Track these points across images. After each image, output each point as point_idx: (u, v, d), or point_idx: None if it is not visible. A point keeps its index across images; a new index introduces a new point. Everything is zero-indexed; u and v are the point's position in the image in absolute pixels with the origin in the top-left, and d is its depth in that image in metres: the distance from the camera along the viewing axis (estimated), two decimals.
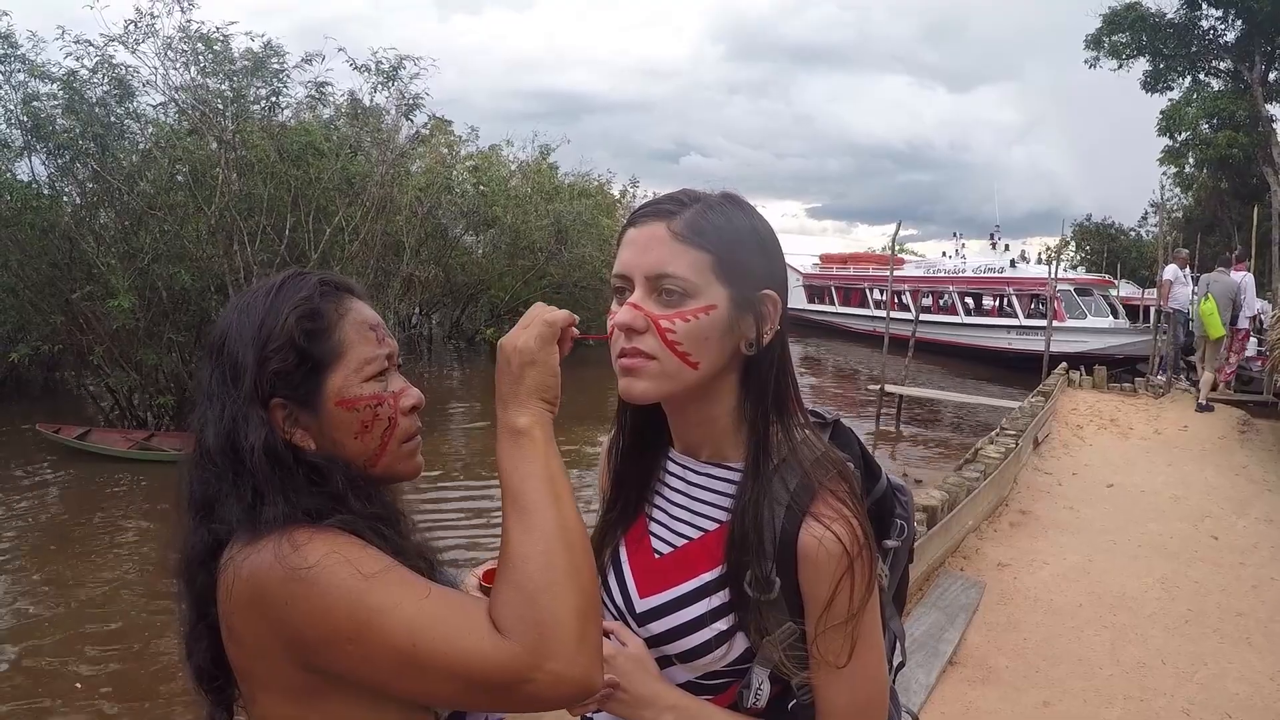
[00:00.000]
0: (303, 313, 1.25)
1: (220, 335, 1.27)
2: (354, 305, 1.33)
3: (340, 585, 1.08)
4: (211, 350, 1.27)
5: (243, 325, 1.25)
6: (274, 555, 1.11)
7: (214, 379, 1.25)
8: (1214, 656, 5.08)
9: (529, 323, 1.19)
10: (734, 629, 1.23)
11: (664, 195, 1.27)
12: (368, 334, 1.31)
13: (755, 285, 1.22)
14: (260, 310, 1.26)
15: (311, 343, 1.25)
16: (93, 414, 14.61)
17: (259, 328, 1.24)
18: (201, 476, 1.23)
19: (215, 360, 1.26)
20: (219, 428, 1.21)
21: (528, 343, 1.16)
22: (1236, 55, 28.79)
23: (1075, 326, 23.88)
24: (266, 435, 1.20)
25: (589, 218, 26.43)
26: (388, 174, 15.23)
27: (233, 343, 1.24)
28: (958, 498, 6.63)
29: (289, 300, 1.27)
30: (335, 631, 1.08)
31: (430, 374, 23.50)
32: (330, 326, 1.28)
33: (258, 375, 1.22)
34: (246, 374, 1.22)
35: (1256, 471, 9.53)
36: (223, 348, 1.25)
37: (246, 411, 1.21)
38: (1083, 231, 44.50)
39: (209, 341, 1.30)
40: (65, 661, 6.62)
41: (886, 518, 1.40)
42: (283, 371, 1.23)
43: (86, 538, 9.22)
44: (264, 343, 1.23)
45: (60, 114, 12.80)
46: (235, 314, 1.28)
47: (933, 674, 4.57)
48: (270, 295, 1.28)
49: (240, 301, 1.30)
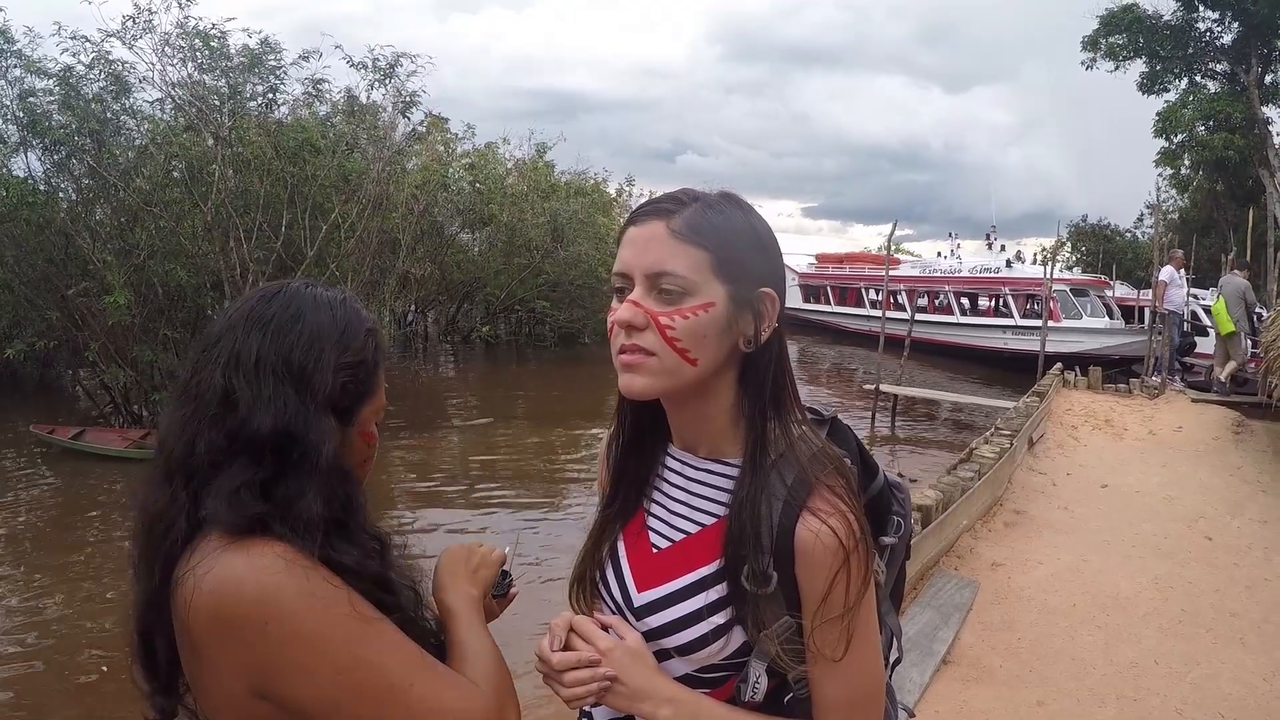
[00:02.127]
0: (371, 343, 1.30)
1: (292, 313, 1.24)
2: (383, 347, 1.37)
3: (341, 616, 1.13)
4: (282, 327, 1.23)
5: (322, 320, 1.24)
6: (259, 563, 1.10)
7: (273, 355, 1.21)
8: (1207, 657, 5.09)
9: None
10: (731, 622, 1.24)
11: (663, 194, 1.28)
12: (382, 380, 1.37)
13: (753, 283, 1.22)
14: (340, 317, 1.26)
15: (372, 372, 1.30)
16: (87, 410, 14.58)
17: (341, 333, 1.25)
18: (216, 443, 1.18)
19: (279, 338, 1.22)
20: (280, 415, 1.18)
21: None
22: (1233, 57, 28.87)
23: (1071, 327, 23.89)
24: (334, 445, 1.23)
25: (585, 216, 26.47)
26: (384, 171, 15.23)
27: (309, 331, 1.23)
28: (952, 497, 6.64)
29: (362, 320, 1.30)
30: (323, 659, 1.10)
31: (426, 371, 23.53)
32: (380, 362, 1.34)
33: (332, 380, 1.23)
34: (324, 373, 1.22)
35: (1251, 472, 9.55)
36: (297, 329, 1.23)
37: (319, 413, 1.21)
38: (1078, 232, 44.58)
39: (268, 308, 1.25)
40: (62, 660, 6.60)
41: (884, 514, 1.41)
42: (349, 386, 1.26)
43: (82, 538, 9.20)
44: (343, 350, 1.24)
45: (56, 110, 12.78)
46: (309, 305, 1.26)
47: (927, 673, 4.58)
48: (346, 307, 1.29)
49: (309, 294, 1.28)
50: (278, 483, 1.17)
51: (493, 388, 20.96)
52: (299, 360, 1.21)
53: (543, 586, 7.14)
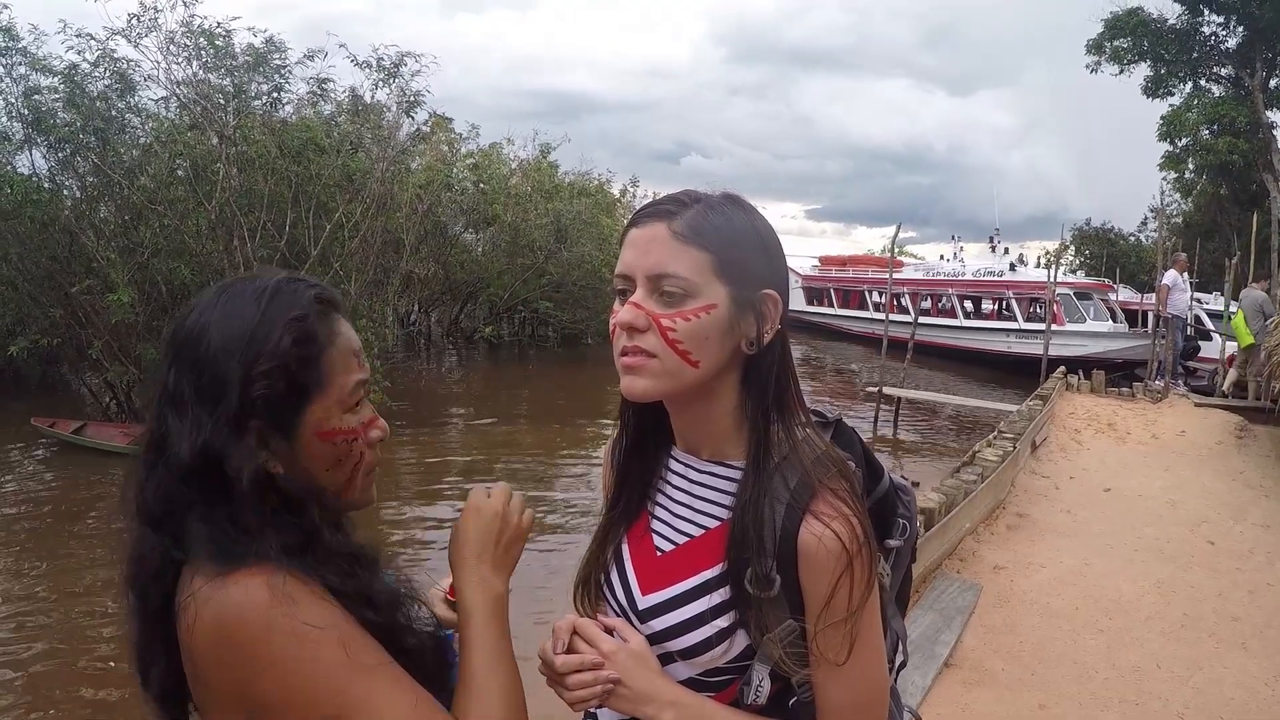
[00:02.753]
0: (298, 334, 1.17)
1: (196, 333, 1.15)
2: (341, 327, 1.25)
3: (331, 662, 1.10)
4: (183, 347, 1.16)
5: (227, 331, 1.14)
6: (251, 599, 1.07)
7: (185, 384, 1.14)
8: (1210, 661, 5.09)
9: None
10: (735, 626, 1.24)
11: (666, 196, 1.28)
12: (351, 361, 1.24)
13: (756, 285, 1.22)
14: (249, 319, 1.15)
15: (302, 368, 1.17)
16: (91, 408, 14.59)
17: (248, 340, 1.14)
18: (161, 487, 1.14)
19: (189, 363, 1.15)
20: (194, 442, 1.11)
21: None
22: (1238, 61, 28.82)
23: (1074, 330, 23.85)
24: (255, 464, 1.14)
25: (589, 217, 26.42)
26: (388, 171, 15.21)
27: (214, 348, 1.14)
28: (955, 500, 6.64)
29: (282, 314, 1.17)
30: (311, 705, 1.09)
31: (429, 371, 23.54)
32: (321, 351, 1.20)
33: (243, 395, 1.13)
34: (231, 391, 1.12)
35: (1253, 477, 9.55)
36: (201, 350, 1.14)
37: (231, 433, 1.12)
38: (1082, 236, 44.57)
39: (179, 334, 1.18)
40: (63, 653, 6.61)
41: (889, 517, 1.41)
42: (270, 395, 1.14)
43: (82, 533, 9.20)
44: (253, 360, 1.13)
45: (61, 107, 12.80)
46: (218, 314, 1.16)
47: (929, 676, 4.58)
48: (261, 303, 1.17)
49: (223, 300, 1.18)
50: (238, 512, 1.12)
51: (496, 388, 20.96)
52: (205, 382, 1.13)
53: (544, 588, 7.14)
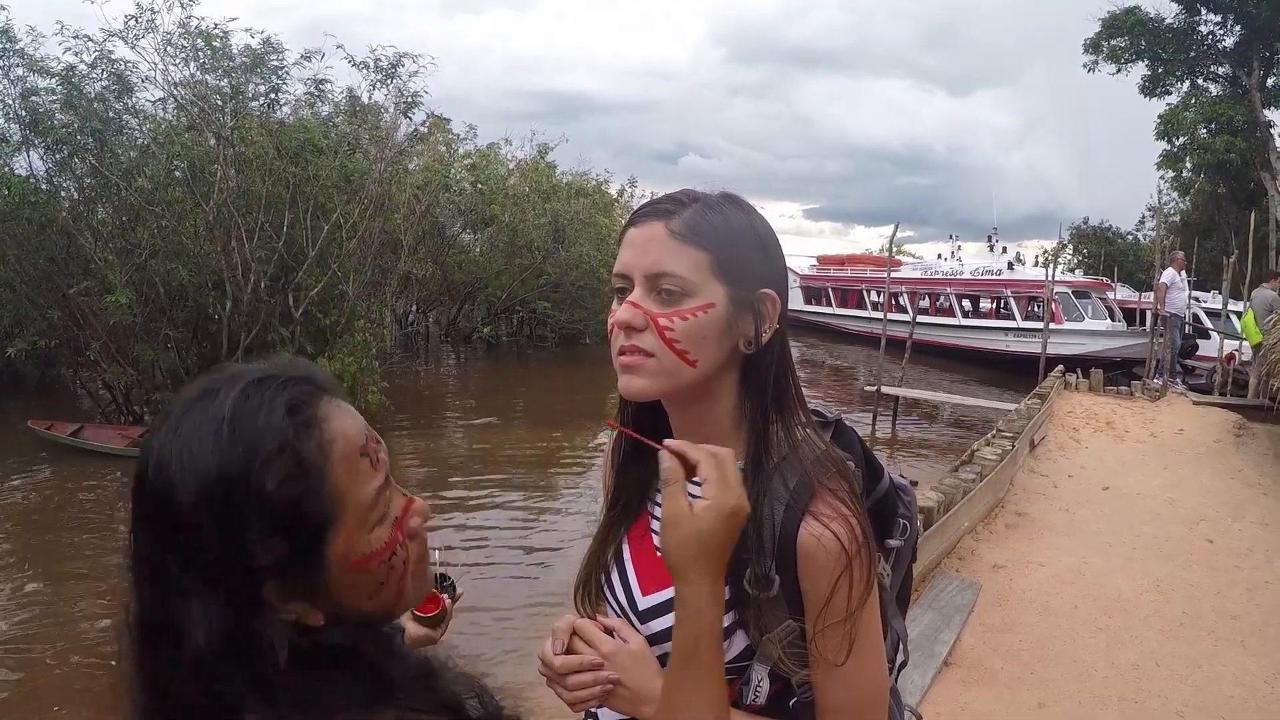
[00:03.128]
0: (283, 474, 0.91)
1: (163, 491, 0.89)
2: (335, 423, 0.98)
3: None
4: (151, 508, 0.91)
5: (198, 487, 0.88)
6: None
7: (169, 557, 0.89)
8: (1209, 659, 5.09)
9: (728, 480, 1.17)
10: (734, 626, 1.23)
11: (664, 195, 1.28)
12: (360, 465, 0.98)
13: (754, 284, 1.22)
14: (218, 466, 0.89)
15: (302, 511, 0.92)
16: (89, 410, 14.57)
17: (225, 500, 0.88)
18: (188, 690, 0.89)
19: (165, 531, 0.90)
20: (210, 634, 0.88)
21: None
22: (1235, 60, 28.85)
23: (1072, 329, 23.87)
24: (289, 633, 0.94)
25: (586, 217, 26.46)
26: (386, 171, 15.22)
27: (188, 514, 0.88)
28: (954, 499, 6.64)
29: (254, 450, 0.90)
30: None
31: (427, 372, 23.55)
32: (320, 477, 0.94)
33: (244, 567, 0.89)
34: (227, 567, 0.89)
35: (1252, 475, 9.55)
36: (174, 515, 0.89)
37: (247, 608, 0.90)
38: (1080, 235, 44.55)
39: (143, 490, 0.91)
40: (58, 662, 6.60)
41: (889, 517, 1.40)
42: (273, 565, 0.91)
43: (79, 536, 9.19)
44: (239, 525, 0.88)
45: (59, 109, 12.79)
46: (182, 462, 0.89)
47: (928, 675, 4.58)
48: (223, 442, 0.90)
49: (183, 439, 0.90)
50: (295, 687, 0.93)
51: (494, 388, 20.93)
52: (193, 555, 0.89)
53: (543, 589, 7.15)
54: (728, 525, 1.12)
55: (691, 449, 1.16)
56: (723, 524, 1.11)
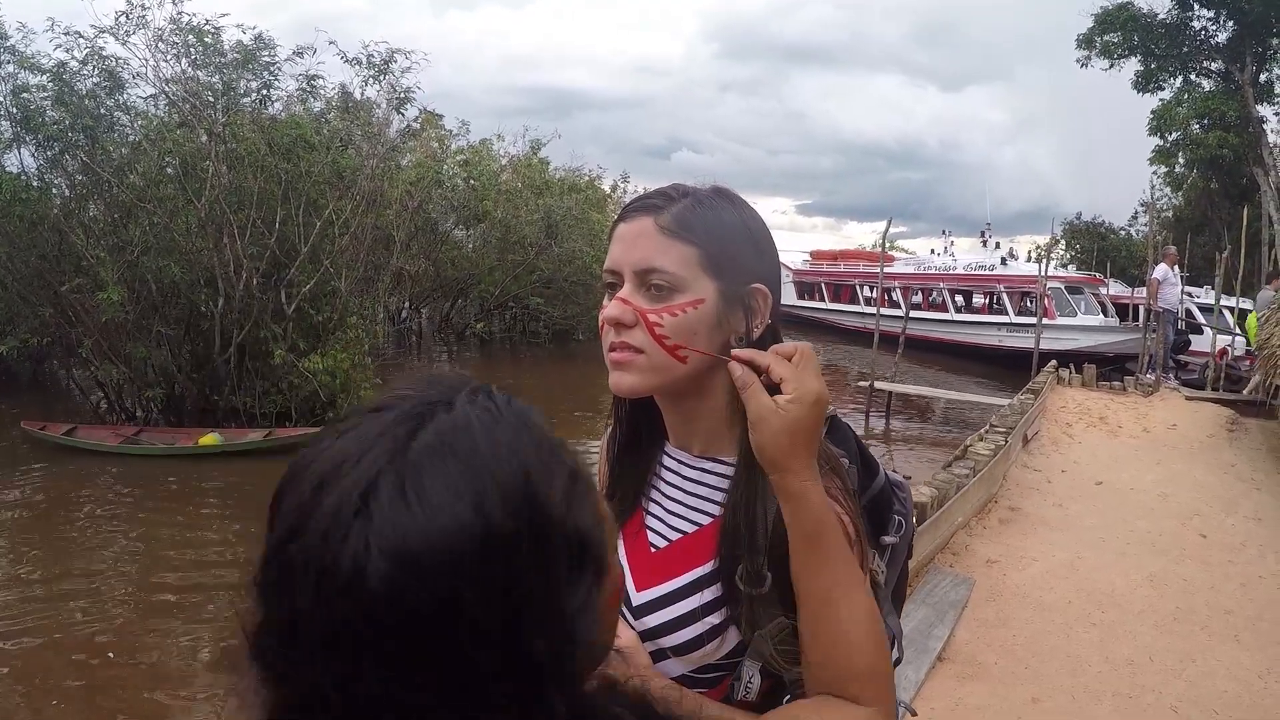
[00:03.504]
0: (582, 496, 0.80)
1: (422, 612, 0.67)
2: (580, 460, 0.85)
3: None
4: (409, 618, 0.67)
5: (497, 589, 0.69)
6: None
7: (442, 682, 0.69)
8: (1202, 654, 5.10)
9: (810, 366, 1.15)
10: (726, 623, 1.23)
11: (654, 190, 1.27)
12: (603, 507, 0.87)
13: (744, 279, 1.21)
14: (514, 477, 0.73)
15: (595, 540, 0.80)
16: (81, 407, 14.55)
17: (534, 548, 0.72)
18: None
19: (429, 658, 0.68)
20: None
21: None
22: (1228, 56, 28.94)
23: (1065, 324, 23.92)
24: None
25: (579, 212, 26.54)
26: (378, 168, 15.18)
27: (476, 623, 0.68)
28: (947, 494, 6.64)
29: (545, 471, 0.76)
30: None
31: (420, 368, 23.50)
32: (595, 492, 0.84)
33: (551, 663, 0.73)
34: (538, 670, 0.72)
35: (1245, 469, 9.58)
36: (448, 634, 0.68)
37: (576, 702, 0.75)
38: (1073, 230, 44.66)
39: (392, 604, 0.66)
40: (50, 662, 6.58)
41: (885, 513, 1.40)
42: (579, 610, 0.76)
43: (73, 535, 9.19)
44: (551, 580, 0.74)
45: (50, 106, 12.74)
46: (453, 535, 0.68)
47: (922, 670, 4.58)
48: (509, 450, 0.75)
49: (429, 511, 0.68)
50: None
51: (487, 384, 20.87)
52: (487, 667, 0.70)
53: None
54: (813, 413, 1.10)
55: (759, 355, 1.14)
56: (808, 412, 1.10)
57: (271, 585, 0.71)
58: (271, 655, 0.71)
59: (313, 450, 0.76)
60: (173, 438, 12.42)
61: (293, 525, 0.71)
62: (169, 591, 7.84)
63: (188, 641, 6.86)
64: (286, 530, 0.71)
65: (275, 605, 0.71)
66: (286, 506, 0.73)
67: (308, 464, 0.75)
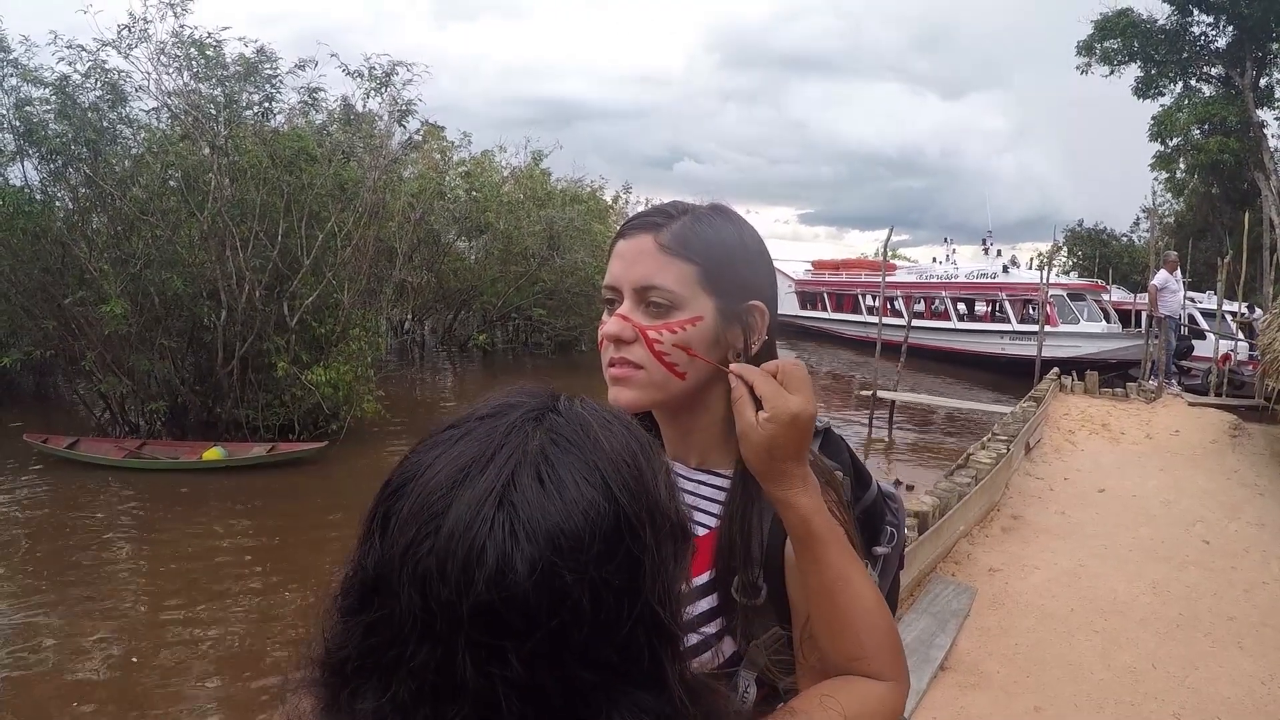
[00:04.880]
0: (671, 482, 0.87)
1: (561, 574, 0.73)
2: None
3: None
4: (541, 608, 0.72)
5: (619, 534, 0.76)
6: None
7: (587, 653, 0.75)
8: (1205, 660, 5.10)
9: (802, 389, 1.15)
10: (721, 633, 1.23)
11: (653, 207, 1.29)
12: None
13: (742, 296, 1.24)
14: (631, 465, 0.80)
15: (688, 527, 0.88)
16: (85, 420, 14.55)
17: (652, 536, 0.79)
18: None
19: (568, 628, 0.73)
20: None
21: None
22: (1228, 61, 28.93)
23: (1068, 331, 23.91)
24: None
25: (581, 223, 26.49)
26: (380, 180, 15.20)
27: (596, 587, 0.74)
28: (949, 503, 6.65)
29: (650, 462, 0.84)
30: None
31: (423, 380, 23.53)
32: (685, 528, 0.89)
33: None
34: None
35: (1248, 475, 9.56)
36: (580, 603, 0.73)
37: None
38: (1074, 237, 44.62)
39: (530, 601, 0.71)
40: (55, 676, 6.58)
41: (877, 524, 1.41)
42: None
43: (77, 548, 9.18)
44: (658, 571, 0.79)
45: (53, 119, 12.77)
46: (575, 532, 0.74)
47: (924, 679, 4.58)
48: (622, 443, 0.82)
49: (551, 507, 0.74)
50: None
51: None
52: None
53: None
54: (788, 431, 1.11)
55: (749, 371, 1.15)
56: (783, 430, 1.10)
57: (392, 590, 0.75)
58: (373, 663, 0.76)
59: (422, 458, 0.81)
60: (176, 452, 12.41)
61: (423, 526, 0.75)
62: (176, 608, 7.82)
63: (196, 659, 6.87)
64: (414, 533, 0.75)
65: (396, 609, 0.74)
66: (409, 511, 0.76)
67: (422, 470, 0.80)
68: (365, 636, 0.76)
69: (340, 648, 0.79)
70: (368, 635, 0.76)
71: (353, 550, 0.81)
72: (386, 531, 0.77)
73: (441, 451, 0.80)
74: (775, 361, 1.18)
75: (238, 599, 8.02)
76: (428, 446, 0.82)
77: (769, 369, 1.16)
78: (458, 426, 0.83)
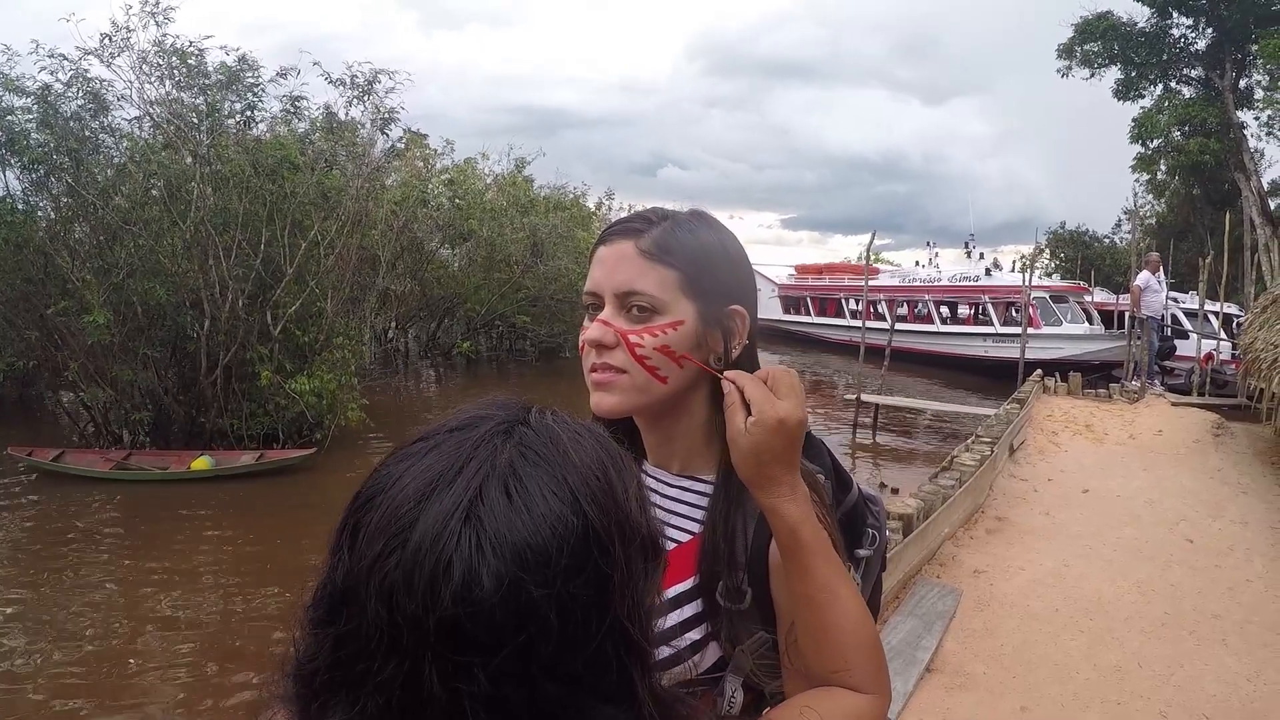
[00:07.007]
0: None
1: (532, 581, 0.72)
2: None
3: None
4: (520, 617, 0.72)
5: (605, 509, 0.79)
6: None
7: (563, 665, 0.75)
8: (1190, 659, 5.12)
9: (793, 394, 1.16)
10: (707, 639, 1.24)
11: (634, 213, 1.30)
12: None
13: (723, 301, 1.24)
14: (600, 480, 0.81)
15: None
16: (68, 430, 14.48)
17: (621, 549, 0.79)
18: None
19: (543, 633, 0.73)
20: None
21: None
22: (1207, 63, 29.11)
23: (1051, 333, 23.98)
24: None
25: (564, 230, 26.53)
26: (363, 188, 15.18)
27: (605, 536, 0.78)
28: (933, 505, 6.66)
29: (621, 476, 0.84)
30: None
31: (407, 388, 23.48)
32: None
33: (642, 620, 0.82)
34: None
35: (1231, 474, 9.62)
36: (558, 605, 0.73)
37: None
38: (1057, 239, 44.84)
39: (503, 611, 0.71)
40: (46, 682, 6.55)
41: (859, 527, 1.42)
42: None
43: (62, 561, 9.12)
44: (633, 575, 0.80)
45: (34, 128, 12.71)
46: (546, 539, 0.74)
47: (910, 681, 4.59)
48: (593, 456, 0.83)
49: (521, 518, 0.74)
50: None
51: None
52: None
53: None
54: (774, 437, 1.11)
55: (741, 376, 1.16)
56: (769, 436, 1.11)
57: (359, 603, 0.75)
58: (341, 676, 0.76)
59: (391, 470, 0.81)
60: (163, 462, 12.34)
61: (390, 540, 0.74)
62: (163, 621, 7.78)
63: (183, 670, 6.84)
64: (381, 546, 0.75)
65: (363, 623, 0.74)
66: (377, 524, 0.76)
67: (390, 483, 0.79)
68: (334, 649, 0.77)
69: (310, 660, 0.79)
70: (337, 648, 0.76)
71: (324, 561, 0.82)
72: (355, 544, 0.77)
73: (411, 464, 0.80)
74: (767, 368, 1.19)
75: (231, 603, 8.00)
76: (397, 459, 0.82)
77: (759, 374, 1.17)
78: (427, 439, 0.83)
